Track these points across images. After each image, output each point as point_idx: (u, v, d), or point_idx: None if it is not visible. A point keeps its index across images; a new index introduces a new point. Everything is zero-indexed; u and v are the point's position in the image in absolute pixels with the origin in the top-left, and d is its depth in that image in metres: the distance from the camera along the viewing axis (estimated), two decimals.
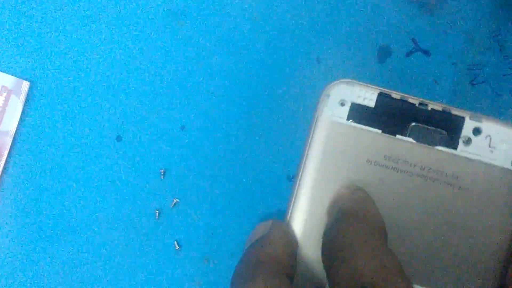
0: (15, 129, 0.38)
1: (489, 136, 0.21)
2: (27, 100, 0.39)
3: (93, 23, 0.39)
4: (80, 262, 0.38)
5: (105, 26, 0.39)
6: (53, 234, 0.38)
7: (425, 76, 0.38)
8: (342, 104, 0.21)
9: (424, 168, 0.21)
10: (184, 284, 0.38)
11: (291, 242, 0.21)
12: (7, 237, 0.38)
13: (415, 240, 0.20)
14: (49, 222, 0.38)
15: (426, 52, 0.38)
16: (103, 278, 0.38)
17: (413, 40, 0.38)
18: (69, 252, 0.38)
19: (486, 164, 0.20)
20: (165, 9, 0.39)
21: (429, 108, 0.21)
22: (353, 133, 0.21)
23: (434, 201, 0.21)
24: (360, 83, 0.22)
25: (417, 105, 0.21)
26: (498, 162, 0.20)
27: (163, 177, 0.38)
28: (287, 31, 0.39)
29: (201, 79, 0.39)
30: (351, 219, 0.20)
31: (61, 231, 0.38)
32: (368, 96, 0.21)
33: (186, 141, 0.38)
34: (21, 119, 0.39)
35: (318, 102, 0.22)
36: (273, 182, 0.38)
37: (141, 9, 0.39)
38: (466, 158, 0.21)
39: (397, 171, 0.21)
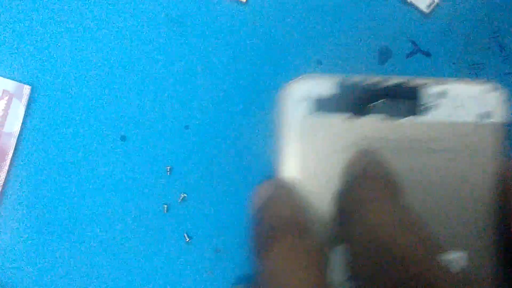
0: (19, 130, 0.38)
1: (454, 96, 0.21)
2: (29, 103, 0.39)
3: (93, 26, 0.40)
4: (91, 257, 0.38)
5: (106, 28, 0.40)
6: (59, 234, 0.38)
7: (426, 77, 0.38)
8: (305, 99, 0.22)
9: (399, 141, 0.21)
10: (197, 273, 0.38)
11: (299, 200, 0.20)
12: (13, 236, 0.38)
13: None
14: (55, 221, 0.38)
15: (426, 53, 0.38)
16: (115, 271, 0.37)
17: (413, 42, 0.38)
18: (79, 250, 0.38)
19: (456, 123, 0.21)
20: (163, 15, 0.40)
21: (391, 83, 0.21)
22: (323, 124, 0.21)
23: (416, 169, 0.21)
24: (317, 75, 0.22)
25: (378, 83, 0.21)
26: (468, 118, 0.21)
27: (169, 173, 0.38)
28: (287, 34, 0.39)
29: (204, 79, 0.39)
30: (360, 180, 0.20)
31: (67, 230, 0.38)
32: (329, 86, 0.22)
33: (191, 140, 0.38)
34: (24, 121, 0.39)
35: (281, 103, 0.22)
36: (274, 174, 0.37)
37: (141, 12, 0.40)
38: (437, 122, 0.21)
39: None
